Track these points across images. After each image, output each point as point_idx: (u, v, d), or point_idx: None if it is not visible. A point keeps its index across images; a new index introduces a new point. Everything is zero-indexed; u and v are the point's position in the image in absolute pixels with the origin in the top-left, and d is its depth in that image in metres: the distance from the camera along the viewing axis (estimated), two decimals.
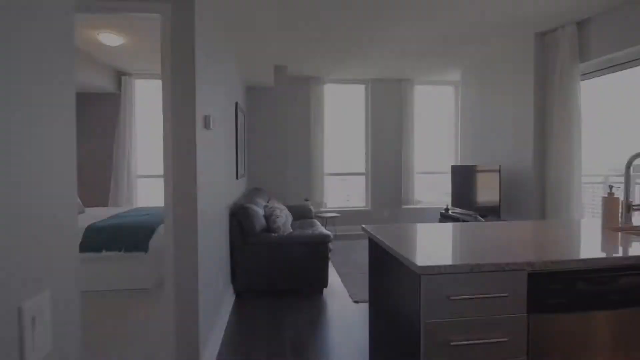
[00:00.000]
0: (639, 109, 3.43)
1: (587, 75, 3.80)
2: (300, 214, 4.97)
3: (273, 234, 3.15)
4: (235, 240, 3.11)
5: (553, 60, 3.97)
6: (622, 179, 1.76)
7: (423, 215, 6.38)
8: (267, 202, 4.47)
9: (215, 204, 2.46)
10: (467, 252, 1.36)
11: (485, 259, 1.18)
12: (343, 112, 6.28)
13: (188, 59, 1.82)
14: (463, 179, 5.18)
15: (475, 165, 4.88)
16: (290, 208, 4.97)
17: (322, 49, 4.58)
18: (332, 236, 3.14)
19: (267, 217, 3.34)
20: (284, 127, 5.27)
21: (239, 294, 3.25)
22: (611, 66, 3.58)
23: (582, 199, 3.77)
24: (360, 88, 6.27)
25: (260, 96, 5.22)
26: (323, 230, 3.27)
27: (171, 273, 1.90)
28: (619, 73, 3.56)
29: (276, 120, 5.25)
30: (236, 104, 3.69)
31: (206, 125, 2.08)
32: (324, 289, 3.32)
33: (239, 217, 3.11)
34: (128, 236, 3.35)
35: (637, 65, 3.38)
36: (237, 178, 3.66)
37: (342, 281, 3.65)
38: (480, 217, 4.72)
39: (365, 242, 5.38)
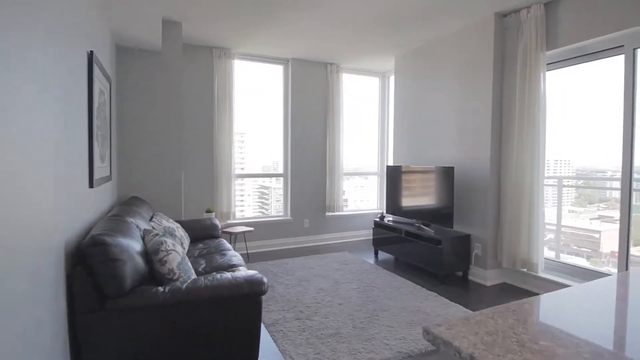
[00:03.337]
0: (607, 105, 3.09)
1: (552, 65, 3.36)
2: (202, 233, 3.55)
3: (160, 289, 1.75)
4: (82, 308, 1.62)
5: (515, 47, 3.44)
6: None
7: (352, 224, 5.52)
8: (151, 219, 2.95)
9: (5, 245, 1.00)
10: None
11: None
12: (257, 97, 4.99)
13: None
14: (401, 182, 4.44)
15: (417, 166, 4.18)
16: (187, 225, 3.50)
17: (230, 8, 3.26)
18: (266, 284, 1.89)
19: (151, 253, 1.91)
20: (177, 110, 3.75)
21: None
22: (580, 55, 3.17)
23: (544, 203, 3.32)
24: (278, 69, 5.07)
25: (141, 62, 3.59)
26: (247, 271, 2.00)
27: None
28: (588, 64, 3.16)
29: (166, 100, 3.69)
30: (91, 54, 2.13)
31: None
32: None
33: (90, 262, 1.63)
34: None
35: (609, 56, 3.00)
36: (91, 185, 2.11)
37: (274, 340, 2.42)
38: (424, 227, 4.03)
39: (288, 264, 3.98)
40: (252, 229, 4.35)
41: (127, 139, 3.53)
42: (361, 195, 5.98)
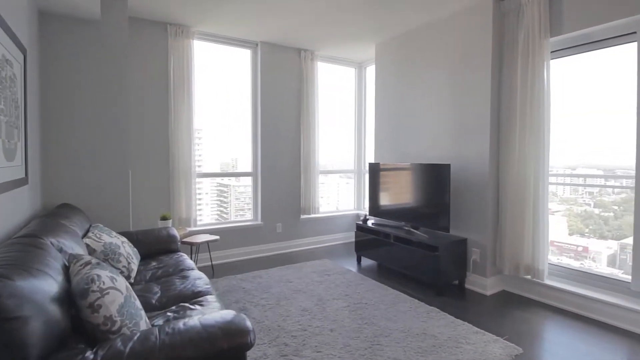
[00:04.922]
0: (614, 97, 2.85)
1: (555, 53, 3.07)
2: (156, 247, 2.89)
3: (90, 355, 1.14)
4: None
5: (515, 33, 3.11)
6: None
7: (328, 227, 5.03)
8: (87, 233, 2.27)
9: None
10: None
11: None
12: (218, 85, 4.34)
13: None
14: (387, 181, 4.03)
15: (405, 164, 3.76)
16: (136, 238, 2.82)
17: None
18: (253, 332, 1.35)
19: (78, 296, 1.29)
20: (122, 96, 3.03)
21: None
22: (587, 43, 2.89)
23: (548, 201, 3.03)
24: (245, 53, 4.45)
25: (74, 33, 2.84)
26: (221, 311, 1.44)
27: None
28: (593, 52, 2.90)
29: (107, 82, 2.96)
30: None
31: None
32: None
33: None
34: None
35: (619, 44, 2.75)
36: None
37: None
38: (413, 230, 3.64)
39: (262, 277, 3.38)
40: (217, 237, 3.71)
41: (53, 130, 2.77)
42: (325, 194, 5.51)
